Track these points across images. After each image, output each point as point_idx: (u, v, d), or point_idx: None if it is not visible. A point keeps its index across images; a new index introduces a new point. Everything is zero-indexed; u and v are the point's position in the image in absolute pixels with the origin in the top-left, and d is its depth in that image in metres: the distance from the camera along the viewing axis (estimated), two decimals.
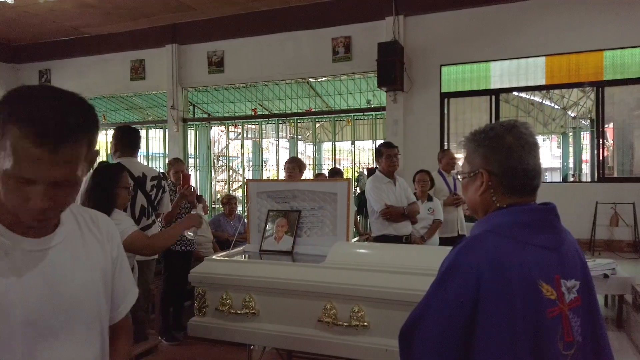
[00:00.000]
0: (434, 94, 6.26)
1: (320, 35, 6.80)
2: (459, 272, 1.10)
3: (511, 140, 1.16)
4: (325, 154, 10.30)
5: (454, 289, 1.09)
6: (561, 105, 10.16)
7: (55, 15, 6.80)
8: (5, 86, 8.88)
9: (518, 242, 1.09)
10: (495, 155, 1.17)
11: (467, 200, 1.27)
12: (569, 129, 11.40)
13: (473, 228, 1.23)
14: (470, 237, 1.17)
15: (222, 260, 2.76)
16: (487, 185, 1.17)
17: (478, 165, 1.20)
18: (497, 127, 1.21)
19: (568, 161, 11.68)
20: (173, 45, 7.62)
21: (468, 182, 1.23)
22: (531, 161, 1.16)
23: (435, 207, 4.22)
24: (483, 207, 1.21)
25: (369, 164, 8.25)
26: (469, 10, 6.03)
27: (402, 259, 2.40)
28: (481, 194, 1.19)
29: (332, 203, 2.92)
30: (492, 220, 1.16)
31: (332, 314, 2.37)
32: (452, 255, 1.15)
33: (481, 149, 1.20)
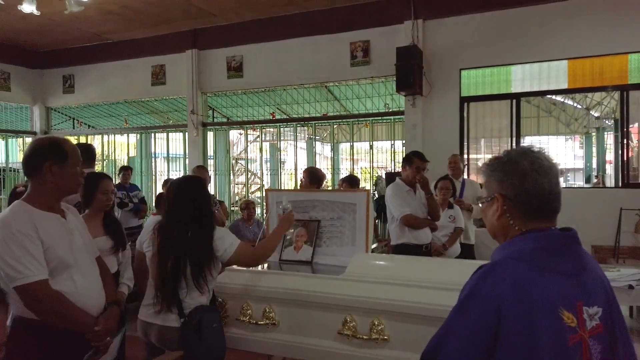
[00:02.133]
0: (453, 98, 6.20)
1: (339, 40, 6.80)
2: (480, 299, 1.10)
3: (525, 164, 1.17)
4: (342, 154, 10.30)
5: (474, 315, 1.09)
6: (584, 105, 9.97)
7: (80, 22, 6.94)
8: (31, 92, 9.11)
9: (539, 268, 1.09)
10: (510, 180, 1.17)
11: (487, 225, 1.27)
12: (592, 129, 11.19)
13: (493, 253, 1.22)
14: (491, 263, 1.17)
15: (242, 270, 2.78)
16: (502, 209, 1.18)
17: (494, 190, 1.21)
18: (511, 152, 1.23)
19: (591, 162, 11.46)
20: (193, 50, 7.71)
21: (486, 208, 1.24)
22: (546, 185, 1.16)
23: (456, 215, 4.19)
24: (502, 232, 1.21)
25: (386, 167, 8.22)
26: (489, 14, 5.96)
27: (422, 272, 2.39)
28: (498, 218, 1.20)
29: (351, 213, 2.93)
30: (512, 246, 1.16)
31: (352, 327, 2.38)
32: (473, 281, 1.15)
33: (496, 174, 1.21)
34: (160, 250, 2.27)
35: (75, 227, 1.87)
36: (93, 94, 8.78)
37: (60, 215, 1.82)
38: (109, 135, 9.34)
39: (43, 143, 1.81)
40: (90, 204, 2.68)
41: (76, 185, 1.85)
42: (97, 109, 9.35)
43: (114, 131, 9.32)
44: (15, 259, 1.61)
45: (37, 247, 1.65)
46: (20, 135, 9.64)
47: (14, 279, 1.62)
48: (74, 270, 1.75)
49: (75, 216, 1.92)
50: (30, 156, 1.77)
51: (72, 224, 1.85)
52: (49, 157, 1.76)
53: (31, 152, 1.77)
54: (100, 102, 8.92)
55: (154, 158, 9.38)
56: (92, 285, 1.82)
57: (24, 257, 1.62)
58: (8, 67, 8.70)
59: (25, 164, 1.78)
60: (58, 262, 1.70)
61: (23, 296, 1.61)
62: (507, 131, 6.21)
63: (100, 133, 9.46)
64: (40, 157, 1.76)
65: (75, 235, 1.83)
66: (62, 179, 1.77)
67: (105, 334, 1.75)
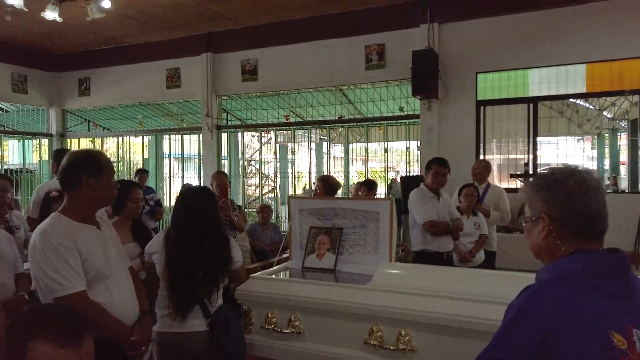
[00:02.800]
0: (469, 102, 6.18)
1: (354, 43, 6.80)
2: (527, 321, 1.09)
3: (572, 184, 1.16)
4: (351, 154, 10.24)
5: (521, 338, 1.08)
6: (597, 106, 9.89)
7: (96, 26, 7.00)
8: (47, 94, 9.21)
9: (589, 290, 1.08)
10: (556, 199, 1.16)
11: (531, 245, 1.26)
12: (604, 130, 11.10)
13: (539, 273, 1.22)
14: (538, 284, 1.16)
15: (267, 278, 2.79)
16: (548, 229, 1.17)
17: (539, 210, 1.19)
18: (557, 171, 1.21)
19: (603, 162, 11.37)
20: (208, 54, 7.75)
21: (530, 227, 1.23)
22: (593, 205, 1.15)
23: (480, 222, 4.16)
24: (547, 252, 1.20)
25: (395, 167, 8.19)
26: (506, 17, 5.93)
27: (450, 283, 2.38)
28: (544, 238, 1.19)
29: (374, 221, 2.93)
30: (560, 267, 1.15)
31: (379, 337, 2.38)
32: (519, 302, 1.14)
33: (542, 194, 1.19)
34: (171, 260, 2.31)
35: (110, 237, 1.90)
36: (108, 97, 8.85)
37: (95, 227, 1.85)
38: (124, 137, 9.42)
39: (79, 156, 1.84)
40: (121, 212, 2.74)
41: (111, 197, 1.87)
42: (112, 111, 9.44)
43: (129, 133, 9.39)
44: (55, 270, 1.64)
45: (75, 259, 1.68)
46: (37, 137, 9.76)
47: (53, 290, 1.65)
48: (110, 281, 1.78)
49: (108, 227, 1.95)
50: (67, 169, 1.80)
51: (106, 235, 1.88)
52: (86, 170, 1.79)
53: (68, 165, 1.80)
54: (115, 104, 9.00)
55: (169, 159, 9.43)
56: (127, 295, 1.85)
57: (63, 269, 1.65)
58: (25, 70, 8.80)
59: (62, 178, 1.81)
60: (95, 273, 1.73)
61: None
62: (523, 134, 6.17)
63: (116, 135, 9.53)
64: (77, 170, 1.79)
65: (110, 246, 1.86)
66: (98, 191, 1.80)
67: (141, 343, 1.77)
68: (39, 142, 10.06)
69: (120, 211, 2.76)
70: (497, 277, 2.64)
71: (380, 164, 8.09)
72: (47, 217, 2.77)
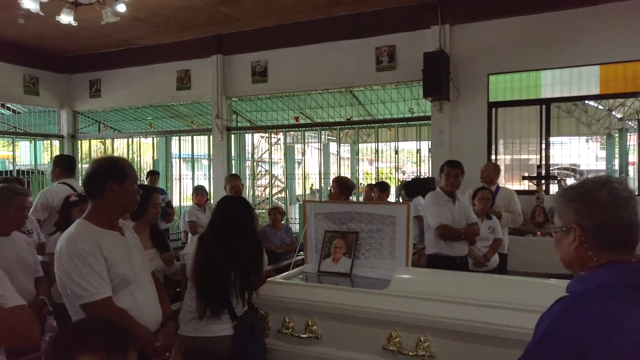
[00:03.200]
0: (481, 104, 6.15)
1: (364, 45, 6.79)
2: (562, 334, 1.08)
3: (604, 195, 1.15)
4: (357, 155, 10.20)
5: (555, 352, 1.07)
6: (606, 106, 9.79)
7: (107, 28, 7.03)
8: (58, 96, 9.28)
9: (624, 301, 1.07)
10: (588, 210, 1.16)
11: (561, 256, 1.25)
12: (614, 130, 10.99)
13: (570, 285, 1.20)
14: (571, 296, 1.15)
15: (284, 283, 2.80)
16: (580, 240, 1.16)
17: (570, 220, 1.19)
18: (588, 182, 1.20)
19: (612, 163, 11.27)
20: (218, 55, 7.77)
21: (560, 237, 1.23)
22: (626, 216, 1.14)
23: (495, 225, 4.12)
24: (579, 263, 1.19)
25: (402, 167, 8.15)
26: (518, 18, 5.89)
27: (468, 288, 2.37)
28: (575, 249, 1.18)
29: (390, 226, 2.92)
30: (593, 279, 1.14)
31: (397, 342, 2.37)
32: (552, 314, 1.13)
33: (573, 204, 1.19)
34: (201, 262, 2.39)
35: (133, 243, 1.91)
36: (119, 98, 8.90)
37: (119, 233, 1.86)
38: (133, 138, 9.47)
39: (104, 163, 1.86)
40: (141, 217, 2.74)
41: (134, 203, 1.89)
42: (122, 112, 9.49)
43: (139, 135, 9.44)
44: (81, 276, 1.65)
45: (101, 265, 1.69)
46: (48, 138, 9.83)
47: (80, 296, 1.66)
48: (134, 287, 1.79)
49: (131, 233, 1.97)
50: (92, 176, 1.81)
51: (130, 241, 1.90)
52: (111, 176, 1.81)
53: (93, 172, 1.82)
54: (125, 106, 9.05)
55: (178, 159, 9.47)
56: (150, 301, 1.86)
57: (89, 275, 1.66)
58: (37, 71, 8.87)
59: (88, 184, 1.82)
60: (120, 279, 1.75)
61: (89, 314, 1.65)
62: (535, 136, 6.13)
63: (126, 137, 9.59)
64: (103, 176, 1.80)
65: (134, 252, 1.87)
66: (122, 197, 1.81)
67: (165, 349, 1.78)
68: (50, 143, 10.14)
69: (140, 216, 2.75)
70: (517, 283, 2.63)
71: (387, 165, 8.06)
72: (65, 221, 2.80)
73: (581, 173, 11.75)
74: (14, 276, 2.40)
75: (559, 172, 7.56)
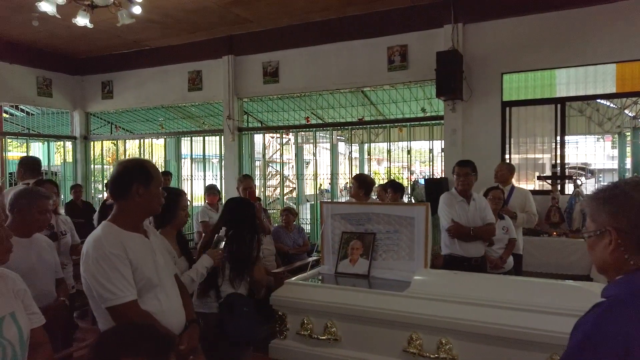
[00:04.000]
0: (494, 103, 6.10)
1: (376, 44, 6.77)
2: (603, 342, 1.05)
3: (639, 196, 1.13)
4: (366, 155, 10.20)
5: (597, 356, 1.05)
6: (618, 105, 9.67)
7: (119, 30, 7.07)
8: (71, 97, 9.36)
9: None
10: (625, 213, 1.13)
11: (595, 260, 1.22)
12: (626, 129, 10.86)
13: (607, 290, 1.18)
14: (610, 301, 1.13)
15: (303, 284, 2.79)
16: (616, 243, 1.14)
17: (605, 223, 1.17)
18: (622, 184, 1.18)
19: (624, 162, 11.14)
20: (229, 56, 7.79)
21: (594, 241, 1.20)
22: None
23: (508, 226, 4.06)
24: (615, 267, 1.17)
25: (413, 171, 8.09)
26: (532, 17, 5.84)
27: (488, 290, 2.35)
28: (611, 252, 1.15)
29: (408, 227, 2.90)
30: (633, 283, 1.11)
31: (418, 345, 2.35)
32: (591, 321, 1.10)
33: (607, 207, 1.17)
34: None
35: (157, 246, 1.91)
36: (131, 100, 8.95)
37: (144, 236, 1.86)
38: (145, 139, 9.52)
39: (130, 165, 1.86)
40: (171, 221, 2.66)
41: (159, 205, 1.89)
42: (134, 114, 9.55)
43: (151, 136, 9.49)
44: (107, 279, 1.66)
45: (127, 268, 1.69)
46: (61, 139, 9.92)
47: (106, 299, 1.66)
48: (159, 290, 1.79)
49: (155, 235, 1.97)
50: (118, 178, 1.82)
51: (154, 244, 1.90)
52: (136, 178, 1.81)
53: (119, 174, 1.82)
54: (137, 107, 9.10)
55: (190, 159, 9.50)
56: (175, 304, 1.86)
57: (115, 278, 1.66)
58: (50, 73, 8.95)
59: (113, 186, 1.83)
60: (145, 282, 1.75)
61: (115, 316, 1.65)
62: (550, 135, 6.07)
63: (138, 138, 9.65)
64: (128, 178, 1.80)
65: (158, 255, 1.87)
66: (147, 200, 1.82)
67: (189, 352, 1.78)
68: (62, 144, 10.22)
69: (170, 220, 2.64)
70: (536, 285, 2.60)
71: (395, 165, 8.01)
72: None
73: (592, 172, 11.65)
74: (36, 278, 2.42)
75: (571, 171, 7.49)
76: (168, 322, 1.77)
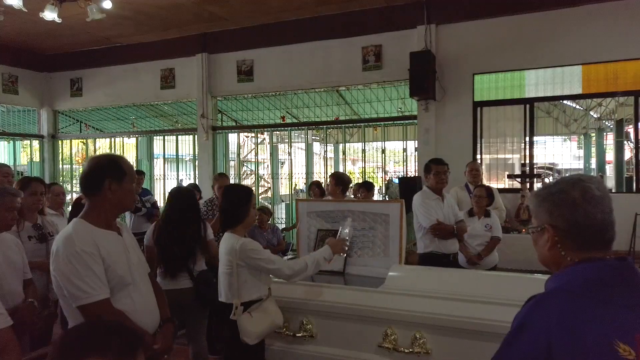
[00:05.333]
0: (466, 103, 6.22)
1: (351, 44, 6.81)
2: (529, 331, 1.09)
3: (576, 194, 1.15)
4: (341, 155, 10.26)
5: (524, 347, 1.08)
6: (584, 107, 9.99)
7: (89, 26, 6.91)
8: (38, 95, 9.08)
9: (592, 300, 1.07)
10: (560, 210, 1.16)
11: (538, 254, 1.25)
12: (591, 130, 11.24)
13: (546, 283, 1.21)
14: (542, 294, 1.16)
15: (279, 282, 2.78)
16: (553, 240, 1.17)
17: (543, 221, 1.20)
18: (561, 182, 1.21)
19: (589, 162, 11.53)
20: (203, 54, 7.70)
21: (536, 237, 1.23)
22: (599, 215, 1.14)
23: (492, 224, 4.12)
24: (554, 262, 1.20)
25: (387, 171, 8.18)
26: (503, 19, 5.97)
27: (463, 285, 2.40)
28: (549, 249, 1.19)
29: (383, 224, 2.93)
30: (564, 277, 1.14)
31: (393, 340, 2.38)
32: (523, 312, 1.14)
33: (545, 204, 1.19)
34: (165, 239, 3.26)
35: (130, 244, 1.88)
36: (101, 98, 8.75)
37: (117, 233, 1.82)
38: (115, 138, 9.32)
39: (101, 161, 1.82)
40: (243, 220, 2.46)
41: (132, 202, 1.85)
42: (104, 112, 9.34)
43: (122, 134, 9.30)
44: (79, 277, 1.61)
45: (99, 266, 1.65)
46: (27, 138, 9.62)
47: (78, 298, 1.62)
48: (132, 288, 1.76)
49: (128, 233, 1.93)
50: (90, 174, 1.77)
51: (127, 241, 1.86)
52: (108, 174, 1.77)
53: (90, 170, 1.78)
54: (108, 105, 8.90)
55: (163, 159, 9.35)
56: (149, 303, 1.83)
57: (87, 276, 1.62)
58: (16, 70, 8.67)
59: (84, 182, 1.78)
60: (118, 281, 1.71)
61: (87, 316, 1.61)
62: (519, 135, 6.23)
63: (108, 137, 9.44)
64: (100, 174, 1.76)
65: (131, 253, 1.83)
66: (120, 196, 1.78)
67: (163, 352, 1.75)
68: (29, 143, 9.91)
69: (242, 219, 2.44)
70: (508, 279, 2.66)
71: (370, 164, 8.09)
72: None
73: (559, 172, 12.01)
74: (2, 279, 2.35)
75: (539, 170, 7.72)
76: (142, 321, 1.73)
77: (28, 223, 3.06)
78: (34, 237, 3.05)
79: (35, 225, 3.10)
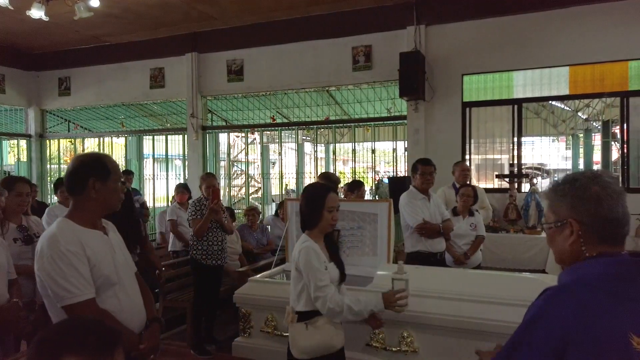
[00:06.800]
0: (455, 103, 6.25)
1: (341, 44, 6.82)
2: (545, 322, 1.10)
3: (598, 189, 1.17)
4: (331, 155, 10.25)
5: (539, 339, 1.10)
6: (572, 108, 10.10)
7: (78, 24, 6.84)
8: (26, 94, 8.99)
9: (608, 294, 1.10)
10: (585, 205, 1.17)
11: (555, 250, 1.26)
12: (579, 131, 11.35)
13: (560, 276, 1.23)
14: (558, 286, 1.18)
15: (267, 281, 2.79)
16: (577, 234, 1.18)
17: (565, 215, 1.20)
18: (580, 177, 1.22)
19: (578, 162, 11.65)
20: (193, 53, 7.67)
21: (554, 232, 1.24)
22: (620, 209, 1.17)
23: (477, 223, 4.15)
24: (572, 257, 1.21)
25: (378, 171, 8.19)
26: (492, 20, 6.02)
27: (450, 284, 2.42)
28: (571, 243, 1.19)
29: (371, 223, 2.95)
30: (580, 271, 1.16)
31: (381, 339, 2.39)
32: (538, 303, 1.16)
33: (567, 199, 1.20)
34: None
35: (116, 243, 1.86)
36: (90, 97, 8.68)
37: (102, 232, 1.81)
38: (104, 137, 9.24)
39: (85, 160, 1.80)
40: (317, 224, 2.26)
41: (118, 201, 1.83)
42: (93, 111, 9.26)
43: (111, 134, 9.23)
44: (63, 277, 1.60)
45: (84, 265, 1.64)
46: (15, 137, 9.51)
47: (62, 298, 1.61)
48: (118, 288, 1.74)
49: (114, 232, 1.91)
50: (74, 173, 1.76)
51: (113, 241, 1.84)
52: (93, 173, 1.75)
53: (74, 169, 1.76)
54: (97, 104, 8.82)
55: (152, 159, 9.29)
56: (135, 302, 1.81)
57: (72, 276, 1.61)
58: (3, 69, 8.57)
59: (69, 181, 1.76)
60: (103, 280, 1.70)
61: (71, 316, 1.60)
62: (508, 135, 6.28)
63: (97, 136, 9.36)
64: (84, 173, 1.74)
65: (117, 252, 1.82)
66: (104, 195, 1.76)
67: (149, 351, 1.74)
68: (16, 142, 9.79)
69: (316, 223, 2.25)
70: (494, 277, 2.69)
71: (360, 165, 8.10)
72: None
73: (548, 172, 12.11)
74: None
75: (527, 170, 7.80)
76: (128, 321, 1.72)
77: (12, 225, 3.02)
78: (20, 239, 3.01)
79: (20, 226, 3.06)
